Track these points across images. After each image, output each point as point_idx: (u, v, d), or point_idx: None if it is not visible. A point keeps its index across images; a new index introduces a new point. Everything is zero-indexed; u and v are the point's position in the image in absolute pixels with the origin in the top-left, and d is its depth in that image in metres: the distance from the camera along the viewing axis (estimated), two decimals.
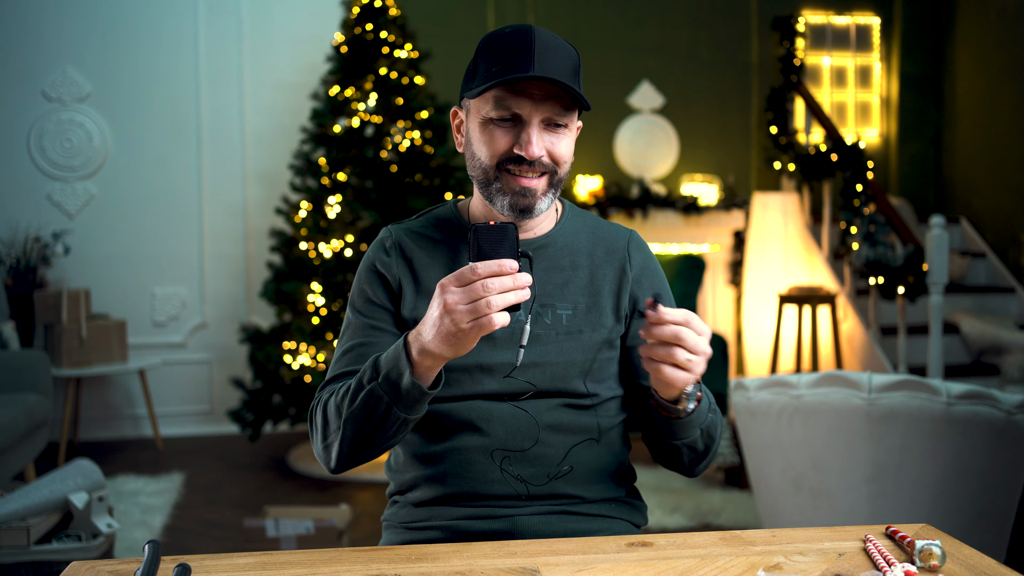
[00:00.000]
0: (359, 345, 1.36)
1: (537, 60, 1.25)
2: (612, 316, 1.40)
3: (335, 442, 1.28)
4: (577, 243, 1.43)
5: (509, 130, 1.29)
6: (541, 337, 1.35)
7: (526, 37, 1.27)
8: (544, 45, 1.27)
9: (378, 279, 1.39)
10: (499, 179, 1.31)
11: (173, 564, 1.10)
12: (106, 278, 5.16)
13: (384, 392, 1.20)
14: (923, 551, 1.10)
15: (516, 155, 1.28)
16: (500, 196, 1.31)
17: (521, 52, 1.26)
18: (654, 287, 1.45)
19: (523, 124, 1.28)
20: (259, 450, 4.85)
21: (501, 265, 1.10)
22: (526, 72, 1.24)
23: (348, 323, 1.41)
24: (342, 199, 4.32)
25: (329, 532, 3.07)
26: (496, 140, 1.29)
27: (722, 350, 4.75)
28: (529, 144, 1.27)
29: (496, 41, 1.30)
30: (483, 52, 1.31)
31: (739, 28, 6.00)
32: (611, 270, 1.42)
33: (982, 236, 5.84)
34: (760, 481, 2.73)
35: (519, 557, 1.15)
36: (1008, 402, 2.33)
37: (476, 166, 1.33)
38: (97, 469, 2.77)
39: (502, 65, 1.26)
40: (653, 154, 5.78)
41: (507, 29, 1.30)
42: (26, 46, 5.05)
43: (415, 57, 4.60)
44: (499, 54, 1.28)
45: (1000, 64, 5.65)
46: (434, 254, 1.39)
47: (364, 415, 1.23)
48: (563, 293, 1.38)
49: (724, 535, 1.23)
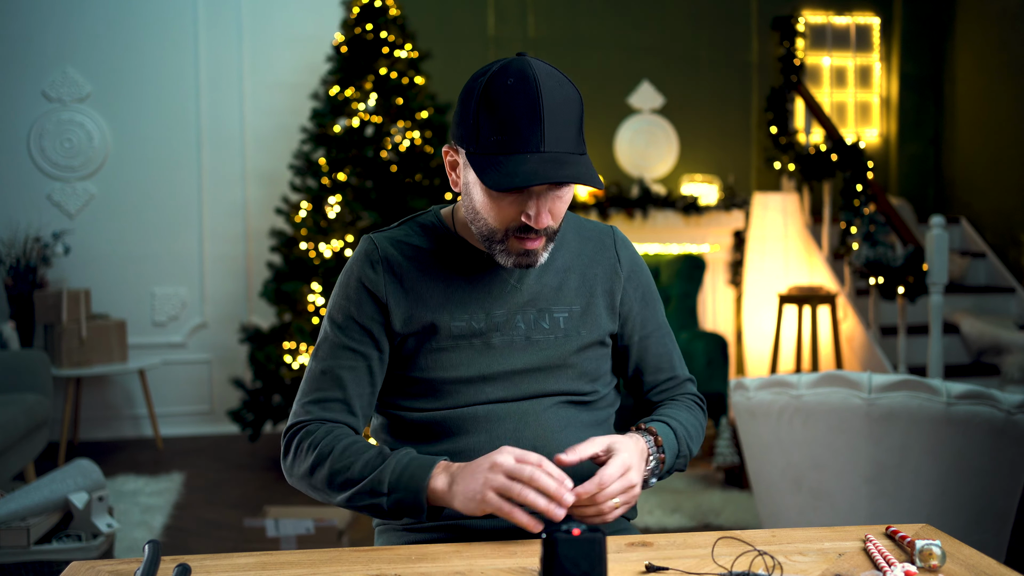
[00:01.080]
0: (338, 368, 1.35)
1: (548, 135, 1.21)
2: (607, 315, 1.42)
3: (314, 493, 1.32)
4: (566, 244, 1.44)
5: (516, 199, 1.25)
6: (541, 342, 1.37)
7: (532, 98, 1.20)
8: (552, 107, 1.21)
9: (366, 296, 1.36)
10: (504, 241, 1.29)
11: (173, 564, 1.10)
12: (106, 278, 5.16)
13: (389, 509, 1.24)
14: (923, 551, 1.10)
15: (524, 224, 1.26)
16: (504, 255, 1.30)
17: (530, 125, 1.21)
18: (642, 283, 1.48)
19: (530, 194, 1.25)
20: (259, 450, 4.85)
21: (560, 493, 1.14)
22: (537, 151, 1.21)
23: (325, 337, 1.38)
24: (342, 199, 4.32)
25: (329, 532, 3.06)
26: (503, 210, 1.26)
27: (722, 350, 4.74)
28: (540, 216, 1.25)
29: (498, 97, 1.22)
30: (485, 108, 1.23)
31: (739, 28, 6.00)
32: (601, 270, 1.44)
33: (982, 236, 5.84)
34: (760, 481, 2.73)
35: (519, 557, 1.15)
36: (1008, 402, 2.33)
37: (479, 223, 1.30)
38: (97, 469, 2.78)
39: (509, 136, 1.21)
40: (653, 154, 5.77)
41: (510, 80, 1.22)
42: (26, 46, 5.05)
43: (415, 57, 4.60)
44: (505, 121, 1.22)
45: (1000, 64, 5.64)
46: (424, 263, 1.37)
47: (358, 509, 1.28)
48: (558, 296, 1.39)
49: (724, 535, 1.23)
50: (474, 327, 1.35)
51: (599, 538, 0.97)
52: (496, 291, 1.37)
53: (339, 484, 1.27)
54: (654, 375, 1.49)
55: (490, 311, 1.36)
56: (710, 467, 4.41)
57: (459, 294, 1.36)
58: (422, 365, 1.35)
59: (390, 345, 1.37)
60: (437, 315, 1.34)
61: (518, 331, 1.36)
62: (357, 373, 1.35)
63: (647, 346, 1.48)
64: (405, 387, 1.37)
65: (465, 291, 1.36)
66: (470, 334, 1.35)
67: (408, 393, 1.37)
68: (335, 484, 1.27)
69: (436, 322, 1.34)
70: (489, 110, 1.23)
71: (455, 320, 1.34)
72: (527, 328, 1.37)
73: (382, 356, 1.37)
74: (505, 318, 1.36)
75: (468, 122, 1.26)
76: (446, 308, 1.35)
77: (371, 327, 1.35)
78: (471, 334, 1.35)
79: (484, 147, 1.24)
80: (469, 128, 1.26)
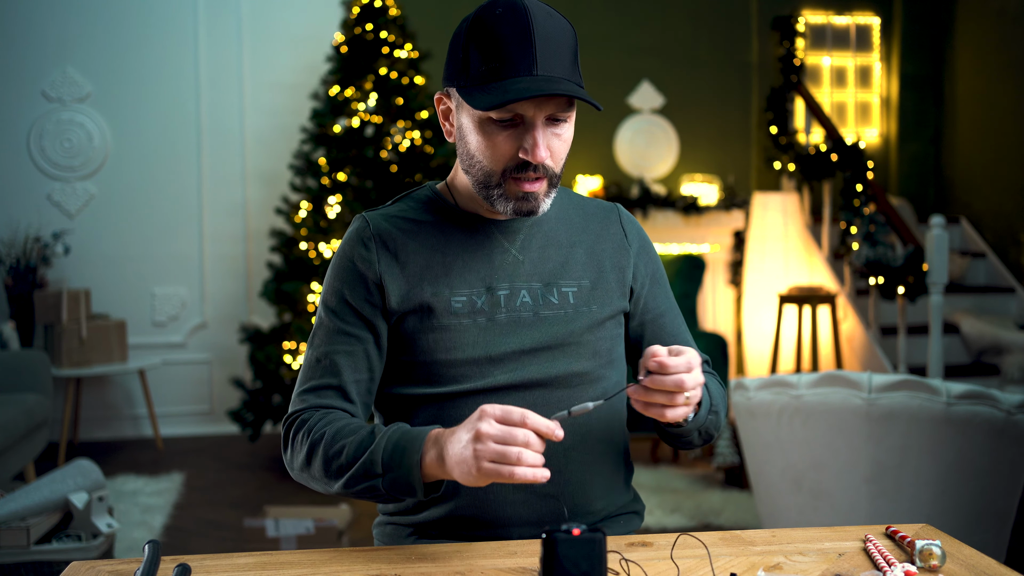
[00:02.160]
0: (333, 354, 1.28)
1: (540, 58, 1.17)
2: (617, 292, 1.36)
3: (313, 483, 1.26)
4: (569, 219, 1.37)
5: (511, 133, 1.20)
6: (550, 318, 1.29)
7: (523, 25, 1.17)
8: (544, 34, 1.17)
9: (357, 278, 1.30)
10: (502, 184, 1.23)
11: (173, 564, 1.10)
12: (106, 278, 5.16)
13: (386, 490, 1.17)
14: (923, 551, 1.10)
15: (522, 161, 1.21)
16: (503, 201, 1.24)
17: (520, 48, 1.16)
18: (653, 260, 1.42)
19: (526, 125, 1.20)
20: (259, 450, 4.85)
21: (551, 430, 1.05)
22: (529, 74, 1.16)
23: (320, 323, 1.32)
24: (342, 199, 4.32)
25: (329, 532, 3.07)
26: (499, 146, 1.21)
27: (722, 350, 4.74)
28: (536, 148, 1.19)
29: (489, 27, 1.18)
30: (474, 39, 1.19)
31: (739, 28, 6.00)
32: (608, 245, 1.37)
33: (982, 236, 5.84)
34: (760, 481, 2.73)
35: (519, 557, 1.15)
36: (1008, 402, 2.33)
37: (474, 167, 1.25)
38: (97, 469, 2.78)
39: (499, 63, 1.17)
40: (653, 154, 5.77)
41: (498, 10, 1.18)
42: (26, 46, 5.05)
43: (415, 57, 4.60)
44: (495, 48, 1.18)
45: (1000, 64, 5.65)
46: (420, 236, 1.31)
47: (356, 494, 1.21)
48: (565, 270, 1.32)
49: (724, 535, 1.23)
50: (476, 302, 1.28)
51: (599, 538, 0.96)
52: (498, 262, 1.30)
53: (335, 471, 1.19)
54: None
55: (492, 284, 1.29)
56: (710, 467, 4.41)
57: (458, 266, 1.29)
58: (423, 346, 1.28)
59: (388, 326, 1.30)
60: (436, 289, 1.28)
61: (525, 307, 1.29)
62: (354, 358, 1.28)
63: (663, 324, 1.40)
64: (407, 373, 1.30)
65: (465, 263, 1.29)
66: (472, 311, 1.27)
67: (410, 379, 1.30)
68: (331, 471, 1.20)
69: (436, 296, 1.27)
70: (478, 40, 1.19)
71: (456, 295, 1.28)
72: (534, 303, 1.29)
73: (379, 339, 1.30)
74: (508, 292, 1.29)
75: (457, 57, 1.22)
76: (445, 282, 1.28)
77: (366, 309, 1.29)
78: (473, 310, 1.27)
79: (474, 78, 1.19)
80: (459, 63, 1.22)
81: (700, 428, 1.28)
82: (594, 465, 1.32)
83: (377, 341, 1.30)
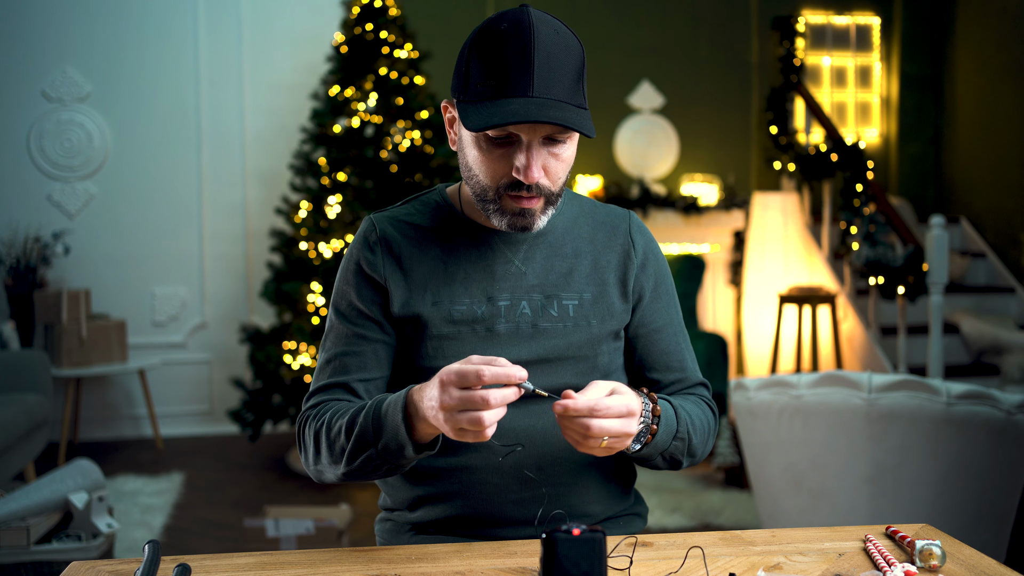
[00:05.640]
0: (343, 355, 1.30)
1: (537, 79, 1.15)
2: (620, 305, 1.34)
3: (327, 473, 1.26)
4: (577, 229, 1.36)
5: (507, 151, 1.20)
6: (549, 331, 1.29)
7: (525, 43, 1.15)
8: (546, 53, 1.15)
9: (364, 280, 1.31)
10: (497, 200, 1.23)
11: (173, 564, 1.10)
12: (106, 278, 5.16)
13: (383, 458, 1.17)
14: (923, 551, 1.10)
15: (515, 180, 1.20)
16: (498, 216, 1.24)
17: (519, 68, 1.15)
18: (658, 273, 1.40)
19: (520, 144, 1.19)
20: (259, 450, 4.85)
21: (509, 376, 1.05)
22: (525, 95, 1.14)
23: (331, 327, 1.33)
24: (342, 199, 4.32)
25: (329, 532, 3.06)
26: (494, 163, 1.20)
27: (722, 350, 4.74)
28: (528, 169, 1.18)
29: (491, 43, 1.17)
30: (477, 53, 1.19)
31: (739, 28, 6.00)
32: (614, 256, 1.36)
33: (982, 236, 5.84)
34: (760, 481, 2.73)
35: (519, 557, 1.15)
36: (1008, 402, 2.33)
37: (472, 180, 1.25)
38: (97, 469, 2.77)
39: (496, 81, 1.16)
40: (653, 154, 5.77)
41: (503, 25, 1.17)
42: (26, 46, 5.05)
43: (415, 57, 4.60)
44: (494, 65, 1.16)
45: (1000, 64, 5.64)
46: (424, 243, 1.31)
47: (361, 470, 1.20)
48: (568, 282, 1.32)
49: (724, 535, 1.23)
50: (476, 312, 1.28)
51: (599, 538, 0.96)
52: (500, 272, 1.30)
53: (338, 453, 1.21)
54: (662, 373, 1.38)
55: (493, 294, 1.29)
56: (710, 467, 4.41)
57: (460, 274, 1.29)
58: (424, 353, 1.28)
59: (394, 329, 1.31)
60: (437, 297, 1.28)
61: (525, 318, 1.28)
62: (363, 359, 1.29)
63: (656, 340, 1.38)
64: (407, 378, 1.30)
65: (467, 272, 1.29)
66: (472, 319, 1.28)
67: (409, 384, 1.30)
68: (335, 455, 1.21)
69: (437, 304, 1.28)
70: (480, 55, 1.18)
71: (456, 303, 1.28)
72: (533, 315, 1.29)
73: (388, 340, 1.31)
74: (509, 302, 1.29)
75: (461, 69, 1.21)
76: (446, 290, 1.28)
77: (374, 311, 1.30)
78: (473, 319, 1.28)
79: (472, 94, 1.19)
80: (461, 76, 1.21)
81: (663, 453, 1.25)
82: (590, 469, 1.32)
83: (387, 341, 1.31)
